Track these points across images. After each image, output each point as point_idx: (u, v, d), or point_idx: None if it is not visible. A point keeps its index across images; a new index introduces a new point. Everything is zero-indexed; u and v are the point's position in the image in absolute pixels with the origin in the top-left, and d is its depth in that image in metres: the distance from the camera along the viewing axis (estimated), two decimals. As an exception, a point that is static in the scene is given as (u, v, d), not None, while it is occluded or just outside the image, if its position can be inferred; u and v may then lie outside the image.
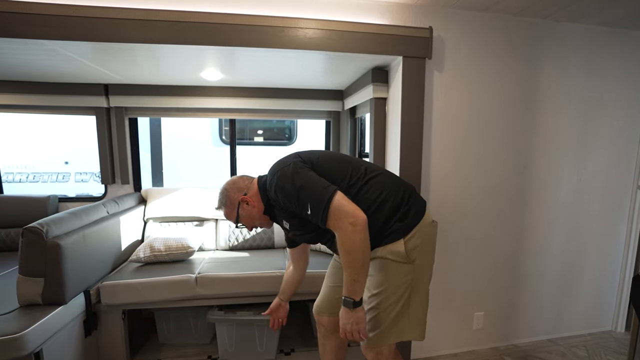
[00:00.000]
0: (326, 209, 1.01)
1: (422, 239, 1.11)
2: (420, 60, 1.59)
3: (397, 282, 1.10)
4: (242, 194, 1.24)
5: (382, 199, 1.10)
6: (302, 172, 1.09)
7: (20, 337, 1.20)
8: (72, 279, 1.48)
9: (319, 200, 1.03)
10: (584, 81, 1.83)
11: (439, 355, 1.88)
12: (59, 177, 3.70)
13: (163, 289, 1.70)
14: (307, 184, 1.06)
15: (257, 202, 1.24)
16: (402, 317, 1.12)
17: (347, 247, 1.01)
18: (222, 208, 1.29)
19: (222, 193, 1.28)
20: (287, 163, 1.14)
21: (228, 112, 2.45)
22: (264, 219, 1.27)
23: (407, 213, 1.11)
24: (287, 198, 1.09)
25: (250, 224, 1.28)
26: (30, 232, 1.36)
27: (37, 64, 1.75)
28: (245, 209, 1.24)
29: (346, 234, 1.00)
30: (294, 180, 1.08)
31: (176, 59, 1.66)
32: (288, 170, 1.10)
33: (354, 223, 0.99)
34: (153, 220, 2.31)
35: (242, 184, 1.27)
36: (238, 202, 1.24)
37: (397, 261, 1.09)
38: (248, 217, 1.25)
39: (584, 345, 1.97)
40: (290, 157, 1.18)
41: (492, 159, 1.79)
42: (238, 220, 1.26)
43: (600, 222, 2.01)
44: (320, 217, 1.03)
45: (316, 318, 1.41)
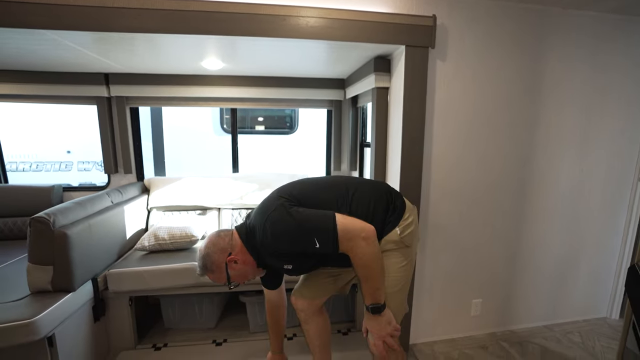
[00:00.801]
0: (335, 235, 1.02)
1: (412, 224, 1.18)
2: (423, 49, 1.57)
3: (405, 264, 1.17)
4: (226, 255, 1.15)
5: (373, 208, 1.16)
6: (294, 212, 1.06)
7: (34, 322, 1.25)
8: (79, 267, 1.51)
9: (325, 231, 1.02)
10: (588, 74, 1.81)
11: (437, 340, 1.94)
12: (62, 166, 3.72)
13: (168, 277, 1.74)
14: (306, 221, 1.05)
15: (246, 257, 1.16)
16: (405, 294, 1.21)
17: (365, 261, 1.04)
18: (208, 274, 1.17)
19: (204, 258, 1.16)
20: (273, 207, 1.09)
21: (229, 101, 2.44)
22: (257, 271, 1.22)
23: (395, 207, 1.19)
24: (289, 242, 1.06)
25: (243, 280, 1.21)
26: (37, 222, 1.39)
27: (37, 54, 1.74)
28: (235, 269, 1.16)
29: (361, 250, 1.03)
30: (290, 222, 1.05)
31: (176, 48, 1.65)
32: (280, 215, 1.06)
33: (366, 237, 1.03)
34: (156, 209, 2.34)
35: (224, 243, 1.17)
36: (225, 263, 1.15)
37: (398, 248, 1.16)
38: (240, 275, 1.18)
39: (579, 332, 2.02)
40: (273, 200, 1.13)
41: (493, 151, 1.79)
42: (230, 281, 1.17)
43: (600, 213, 2.02)
44: (331, 246, 1.03)
45: (293, 303, 1.41)
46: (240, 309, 2.04)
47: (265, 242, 1.09)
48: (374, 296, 1.07)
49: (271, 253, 1.12)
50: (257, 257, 1.17)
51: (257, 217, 1.14)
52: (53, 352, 1.36)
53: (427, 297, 1.88)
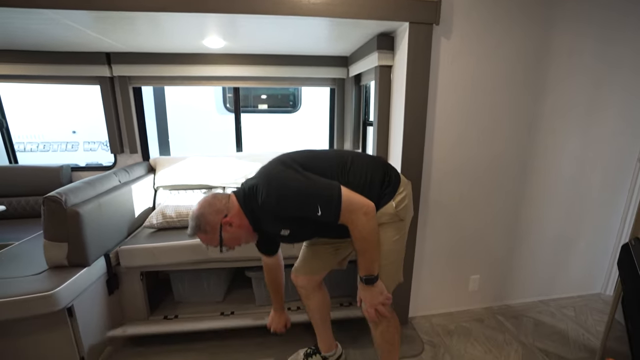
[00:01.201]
0: (339, 205, 1.04)
1: (406, 197, 1.22)
2: (427, 26, 1.54)
3: (398, 238, 1.22)
4: (222, 217, 1.14)
5: (370, 179, 1.18)
6: (300, 176, 1.07)
7: (54, 294, 1.33)
8: (92, 244, 1.58)
9: (329, 200, 1.04)
10: (597, 48, 1.76)
11: (435, 314, 2.02)
12: (68, 146, 3.78)
13: (177, 253, 1.81)
14: (312, 185, 1.06)
15: (242, 220, 1.16)
16: (398, 266, 1.26)
17: (364, 235, 1.08)
18: (200, 234, 1.16)
19: (198, 218, 1.14)
20: (276, 172, 1.10)
21: (232, 80, 2.43)
22: (252, 235, 1.22)
23: (390, 180, 1.22)
24: (292, 204, 1.06)
25: (235, 244, 1.20)
26: (50, 201, 1.45)
27: (38, 34, 1.73)
28: (229, 231, 1.15)
29: (361, 223, 1.06)
30: (296, 184, 1.06)
31: (177, 26, 1.63)
32: (283, 178, 1.07)
33: (366, 212, 1.06)
34: (163, 188, 2.40)
35: (220, 205, 1.16)
36: (220, 225, 1.14)
37: (392, 222, 1.20)
38: (233, 239, 1.18)
39: (573, 306, 2.09)
40: (275, 165, 1.13)
41: (495, 129, 1.78)
42: (222, 243, 1.16)
43: (601, 192, 2.03)
44: (334, 215, 1.05)
45: (293, 280, 1.47)
46: (246, 283, 2.12)
47: (267, 203, 1.07)
48: (369, 268, 1.13)
49: (271, 216, 1.12)
50: (253, 221, 1.17)
51: (260, 179, 1.13)
52: (73, 321, 1.46)
53: (427, 273, 1.94)
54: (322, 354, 1.58)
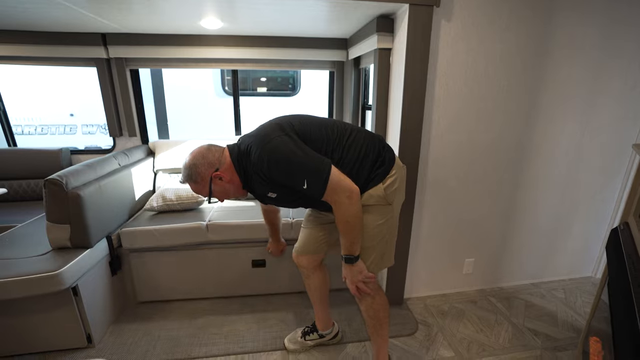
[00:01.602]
0: (325, 184, 1.06)
1: (397, 182, 1.21)
2: (427, 8, 1.51)
3: (382, 222, 1.22)
4: (213, 170, 1.16)
5: (364, 154, 1.18)
6: (294, 146, 1.07)
7: (60, 274, 1.38)
8: (94, 226, 1.62)
9: (317, 176, 1.06)
10: (599, 35, 1.74)
11: (429, 296, 2.09)
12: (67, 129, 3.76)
13: (177, 235, 1.85)
14: (303, 159, 1.06)
15: (233, 176, 1.19)
16: (385, 249, 1.26)
17: (345, 217, 1.10)
18: (190, 183, 1.19)
19: (190, 168, 1.17)
20: (272, 136, 1.09)
21: (230, 62, 2.40)
22: (240, 191, 1.24)
23: (384, 160, 1.20)
24: (282, 172, 1.08)
25: (223, 198, 1.25)
26: (51, 183, 1.46)
27: (31, 12, 1.70)
28: (218, 185, 1.18)
29: (344, 206, 1.08)
30: (288, 155, 1.06)
31: (173, 6, 1.60)
32: (278, 144, 1.07)
33: (350, 196, 1.08)
34: (162, 171, 2.41)
35: (213, 158, 1.17)
36: (210, 178, 1.17)
37: (380, 204, 1.20)
38: (222, 192, 1.21)
39: (563, 289, 2.16)
40: (273, 128, 1.12)
41: (494, 112, 1.78)
42: (211, 196, 1.20)
43: (598, 177, 2.05)
44: (318, 192, 1.07)
45: (295, 260, 1.53)
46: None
47: (258, 165, 1.10)
48: (349, 248, 1.16)
49: (261, 178, 1.13)
50: (244, 179, 1.19)
51: (256, 139, 1.13)
52: (78, 300, 1.51)
53: (422, 255, 1.99)
54: (319, 332, 1.65)
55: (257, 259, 1.97)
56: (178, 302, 1.97)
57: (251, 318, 1.85)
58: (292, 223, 1.91)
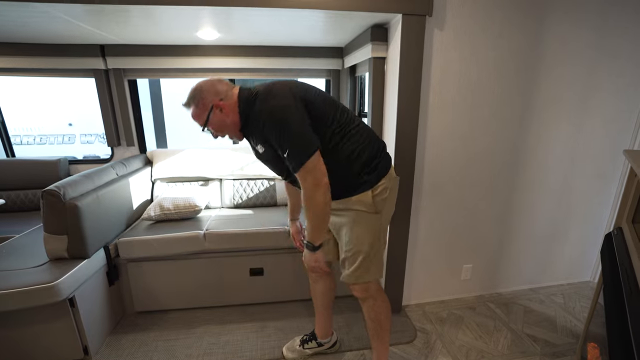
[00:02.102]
0: (302, 162, 1.08)
1: (387, 192, 1.21)
2: (420, 17, 1.54)
3: (369, 230, 1.23)
4: (217, 99, 1.17)
5: (360, 150, 1.18)
6: (295, 115, 1.08)
7: (56, 285, 1.37)
8: (91, 236, 1.62)
9: (299, 152, 1.07)
10: (594, 40, 1.77)
11: (427, 302, 2.08)
12: (65, 138, 3.78)
13: (175, 244, 1.85)
14: (295, 131, 1.07)
15: (233, 114, 1.19)
16: (372, 259, 1.26)
17: (309, 202, 1.12)
18: (191, 107, 1.19)
19: (195, 90, 1.18)
20: (279, 97, 1.10)
21: (227, 71, 2.42)
22: (236, 133, 1.24)
23: (377, 166, 1.20)
24: (272, 129, 1.09)
25: (219, 133, 1.23)
26: (49, 194, 1.47)
27: (31, 27, 1.72)
28: (217, 116, 1.18)
29: (308, 191, 1.10)
30: (285, 119, 1.07)
31: (171, 19, 1.63)
32: (281, 107, 1.08)
33: (317, 185, 1.09)
34: (160, 180, 2.42)
35: (220, 88, 1.18)
36: (211, 105, 1.16)
37: (368, 212, 1.21)
38: (218, 125, 1.20)
39: (562, 294, 2.15)
40: (285, 90, 1.12)
41: (488, 118, 1.80)
42: (206, 124, 1.20)
43: (593, 181, 2.06)
44: (293, 166, 1.09)
45: (304, 263, 1.53)
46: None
47: (257, 116, 1.12)
48: (311, 235, 1.18)
49: (257, 128, 1.14)
50: (244, 122, 1.20)
51: (264, 92, 1.13)
52: (75, 311, 1.51)
53: (420, 262, 1.99)
54: (317, 340, 1.64)
55: (254, 268, 1.97)
56: (176, 312, 1.96)
57: (249, 327, 1.84)
58: (289, 231, 1.92)
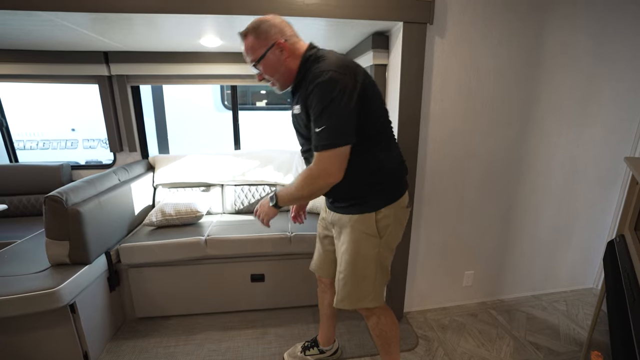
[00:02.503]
0: (328, 146, 1.01)
1: (392, 220, 1.17)
2: (421, 25, 1.55)
3: (367, 254, 1.18)
4: (282, 38, 1.08)
5: (384, 164, 1.14)
6: (347, 98, 1.00)
7: (57, 291, 1.37)
8: (93, 242, 1.62)
9: (332, 135, 1.01)
10: (590, 49, 1.78)
11: (429, 309, 2.07)
12: (68, 144, 3.80)
13: (176, 250, 1.85)
14: (340, 113, 1.00)
15: (292, 62, 1.11)
16: (368, 286, 1.21)
17: (308, 179, 1.08)
18: (250, 36, 1.08)
19: (261, 20, 1.08)
20: (341, 72, 1.01)
21: (229, 78, 2.44)
22: (285, 83, 1.16)
23: (387, 189, 1.16)
24: (317, 98, 1.01)
25: (267, 74, 1.13)
26: (51, 200, 1.48)
27: (36, 34, 1.75)
28: (275, 55, 1.09)
29: (315, 172, 1.06)
30: (335, 97, 0.99)
31: (174, 27, 1.65)
32: (342, 81, 1.00)
33: (327, 175, 1.05)
34: (162, 186, 2.43)
35: (288, 30, 1.11)
36: (273, 42, 1.08)
37: (368, 234, 1.16)
38: (272, 66, 1.11)
39: (565, 301, 2.14)
40: (351, 68, 1.04)
41: (489, 125, 1.81)
42: (260, 60, 1.10)
43: (594, 188, 2.06)
44: (317, 143, 1.03)
45: (316, 274, 1.54)
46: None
47: (312, 78, 1.04)
48: (283, 194, 1.15)
49: (306, 88, 1.06)
50: (300, 75, 1.11)
51: (330, 59, 1.05)
52: (75, 318, 1.50)
53: (421, 268, 1.98)
54: (319, 347, 1.63)
55: (255, 274, 1.96)
56: (176, 318, 1.96)
57: (250, 334, 1.83)
58: (290, 237, 1.92)
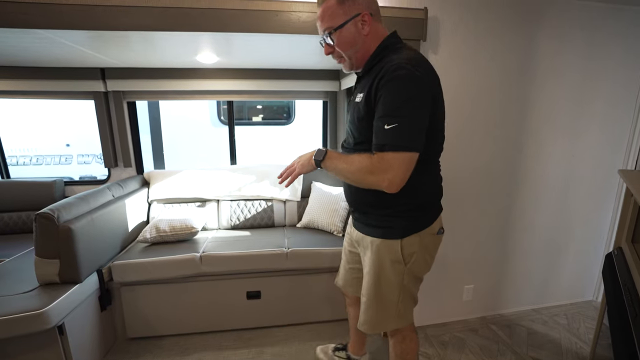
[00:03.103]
0: (398, 148, 0.89)
1: (418, 248, 1.08)
2: (414, 42, 1.59)
3: (390, 278, 1.11)
4: (369, 11, 0.97)
5: (425, 188, 1.06)
6: (423, 101, 0.91)
7: (45, 312, 1.32)
8: (85, 260, 1.58)
9: (403, 137, 0.89)
10: (581, 64, 1.83)
11: (429, 325, 2.03)
12: (62, 159, 3.76)
13: (170, 267, 1.81)
14: (416, 114, 0.90)
15: (372, 41, 1.00)
16: (393, 311, 1.15)
17: (361, 168, 0.95)
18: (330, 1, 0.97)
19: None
20: (418, 72, 0.91)
21: (225, 94, 2.46)
22: (359, 62, 1.04)
23: (418, 216, 1.07)
24: (391, 93, 0.89)
25: (340, 48, 1.01)
26: (42, 217, 1.45)
27: (33, 51, 1.75)
28: (357, 28, 0.97)
29: (371, 168, 0.93)
30: (411, 96, 0.89)
31: (171, 44, 1.66)
32: (419, 83, 0.90)
33: (383, 180, 0.92)
34: (157, 202, 2.40)
35: (375, 5, 1.00)
36: (358, 13, 0.96)
37: (392, 260, 1.09)
38: (350, 39, 0.99)
39: (565, 314, 2.11)
40: (432, 70, 0.97)
41: (485, 139, 1.82)
42: (337, 29, 0.97)
43: (589, 199, 2.07)
44: (384, 142, 0.90)
45: (341, 289, 1.49)
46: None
47: (385, 70, 0.92)
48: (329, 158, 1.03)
49: (373, 79, 0.95)
50: (375, 61, 1.00)
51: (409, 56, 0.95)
52: (64, 339, 1.45)
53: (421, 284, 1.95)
54: (348, 353, 1.62)
55: (251, 291, 1.92)
56: (170, 338, 1.89)
57: (245, 354, 1.77)
58: (287, 253, 1.89)
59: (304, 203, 2.47)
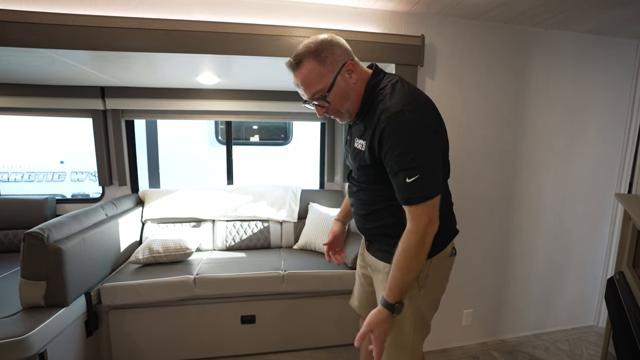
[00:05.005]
0: (427, 197, 0.86)
1: (433, 271, 1.04)
2: (412, 67, 1.63)
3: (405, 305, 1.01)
4: (350, 58, 0.93)
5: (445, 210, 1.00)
6: (433, 142, 0.88)
7: (25, 339, 1.25)
8: (73, 282, 1.52)
9: (429, 185, 0.86)
10: (571, 89, 1.90)
11: (429, 351, 1.96)
12: (55, 176, 3.71)
13: (162, 290, 1.74)
14: (431, 160, 0.87)
15: (359, 86, 0.94)
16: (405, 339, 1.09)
17: (417, 247, 0.88)
18: (310, 62, 0.90)
19: (323, 41, 0.90)
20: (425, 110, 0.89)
21: (224, 114, 2.48)
22: (355, 109, 0.97)
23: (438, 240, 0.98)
24: (399, 142, 0.85)
25: (338, 104, 0.95)
26: (31, 237, 1.40)
27: (34, 69, 1.77)
28: (345, 81, 0.92)
29: (421, 230, 0.87)
30: (424, 141, 0.86)
31: (172, 65, 1.69)
32: (424, 121, 0.87)
33: (430, 226, 0.87)
34: (151, 221, 2.35)
35: (350, 49, 0.94)
36: (342, 65, 0.91)
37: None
38: (342, 94, 0.93)
39: (567, 340, 2.06)
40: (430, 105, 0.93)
41: (481, 164, 1.85)
42: (330, 89, 0.91)
43: (585, 223, 2.08)
44: (411, 197, 0.86)
45: (355, 310, 1.41)
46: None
47: (389, 111, 0.87)
48: (392, 290, 0.90)
49: (372, 120, 0.91)
50: (367, 106, 0.94)
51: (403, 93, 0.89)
52: (45, 368, 1.36)
53: (419, 308, 1.90)
54: None
55: (246, 315, 1.85)
56: (158, 366, 1.80)
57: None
58: (283, 276, 1.84)
59: (300, 224, 2.44)
